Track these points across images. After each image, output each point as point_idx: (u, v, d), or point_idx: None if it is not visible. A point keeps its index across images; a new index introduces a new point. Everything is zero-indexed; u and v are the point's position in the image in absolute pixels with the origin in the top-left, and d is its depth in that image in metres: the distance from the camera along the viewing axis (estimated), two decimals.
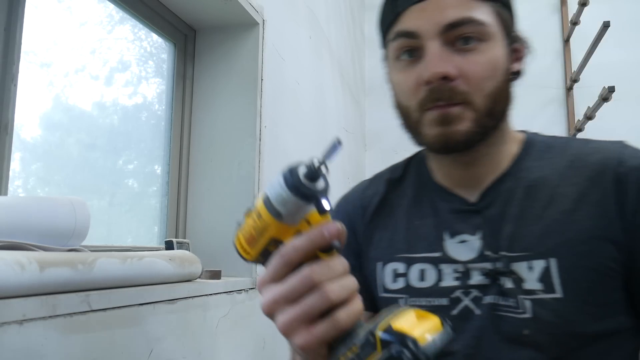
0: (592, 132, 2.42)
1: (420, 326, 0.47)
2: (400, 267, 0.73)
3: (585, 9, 2.32)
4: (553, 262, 0.64)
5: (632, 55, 2.49)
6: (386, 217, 0.78)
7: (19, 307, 0.57)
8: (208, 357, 0.96)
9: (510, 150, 0.73)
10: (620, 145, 0.69)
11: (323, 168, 0.46)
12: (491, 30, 0.66)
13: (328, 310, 0.47)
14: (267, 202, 0.48)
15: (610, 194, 0.65)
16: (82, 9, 1.16)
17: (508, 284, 0.65)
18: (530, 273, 0.65)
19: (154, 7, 1.35)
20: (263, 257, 0.51)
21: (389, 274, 0.74)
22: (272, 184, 0.48)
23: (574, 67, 2.50)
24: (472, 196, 0.73)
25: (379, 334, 0.45)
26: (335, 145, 0.46)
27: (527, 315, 0.64)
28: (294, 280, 0.47)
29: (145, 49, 1.40)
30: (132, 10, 1.28)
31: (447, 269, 0.70)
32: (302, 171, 0.47)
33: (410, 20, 0.66)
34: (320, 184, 0.47)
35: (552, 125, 2.55)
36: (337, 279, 0.47)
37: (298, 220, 0.48)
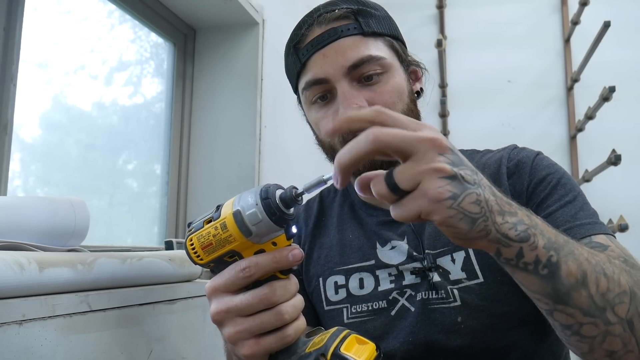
0: (593, 131, 2.41)
1: (362, 352, 0.52)
2: (339, 279, 0.79)
3: (586, 8, 2.31)
4: (471, 252, 0.71)
5: (633, 55, 2.49)
6: (322, 237, 0.84)
7: (18, 307, 0.57)
8: (208, 357, 0.96)
9: None
10: (510, 147, 0.79)
11: (301, 198, 0.48)
12: (388, 62, 0.74)
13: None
14: (239, 218, 0.48)
15: (504, 185, 0.73)
16: (81, 9, 1.15)
17: (436, 277, 0.72)
18: (454, 265, 0.72)
19: (153, 7, 1.35)
20: (215, 265, 0.52)
21: (330, 287, 0.79)
22: (245, 201, 0.48)
23: (575, 66, 2.50)
24: None
25: (330, 357, 0.50)
26: (320, 183, 0.48)
27: (457, 303, 0.70)
28: (251, 296, 0.50)
29: (145, 48, 1.40)
30: (131, 9, 1.28)
31: (382, 274, 0.76)
32: (279, 194, 0.48)
33: (316, 67, 0.73)
34: (292, 210, 0.49)
35: (552, 125, 2.54)
36: (291, 299, 0.51)
37: (265, 240, 0.50)
